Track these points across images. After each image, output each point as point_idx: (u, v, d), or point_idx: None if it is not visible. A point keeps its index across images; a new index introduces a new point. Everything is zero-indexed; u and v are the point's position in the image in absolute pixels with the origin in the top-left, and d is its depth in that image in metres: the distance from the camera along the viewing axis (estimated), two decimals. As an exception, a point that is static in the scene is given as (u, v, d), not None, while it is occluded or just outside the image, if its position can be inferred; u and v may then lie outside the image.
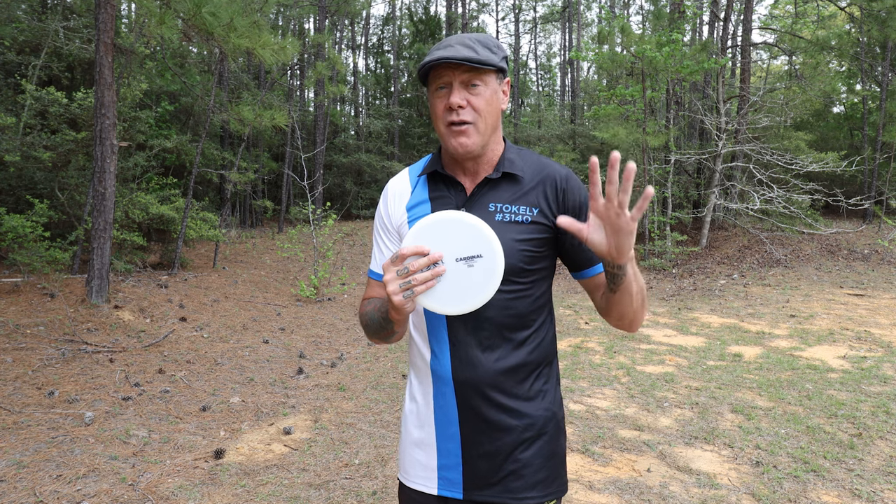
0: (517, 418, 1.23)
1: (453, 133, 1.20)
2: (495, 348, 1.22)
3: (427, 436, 1.29)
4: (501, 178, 1.26)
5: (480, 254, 1.11)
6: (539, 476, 1.24)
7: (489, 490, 1.23)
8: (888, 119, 15.26)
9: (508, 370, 1.23)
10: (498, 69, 1.21)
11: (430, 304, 1.12)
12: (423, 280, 1.06)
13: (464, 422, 1.24)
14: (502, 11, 44.80)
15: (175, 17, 6.41)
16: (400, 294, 1.06)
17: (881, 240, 12.09)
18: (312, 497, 2.97)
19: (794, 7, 20.19)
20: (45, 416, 3.78)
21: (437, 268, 1.08)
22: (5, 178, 8.00)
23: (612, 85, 18.62)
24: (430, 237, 1.11)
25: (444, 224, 1.11)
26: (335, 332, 6.83)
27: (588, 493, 3.02)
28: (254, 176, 12.25)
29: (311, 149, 18.66)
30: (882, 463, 3.31)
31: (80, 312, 5.94)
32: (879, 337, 6.23)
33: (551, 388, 1.29)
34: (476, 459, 1.24)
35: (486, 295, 1.12)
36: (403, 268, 1.06)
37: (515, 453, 1.23)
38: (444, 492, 1.27)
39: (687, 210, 13.88)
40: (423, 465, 1.29)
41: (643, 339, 6.49)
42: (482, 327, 1.22)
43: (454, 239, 1.11)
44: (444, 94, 1.20)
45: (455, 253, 1.11)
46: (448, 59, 1.14)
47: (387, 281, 1.07)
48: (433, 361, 1.27)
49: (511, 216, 1.22)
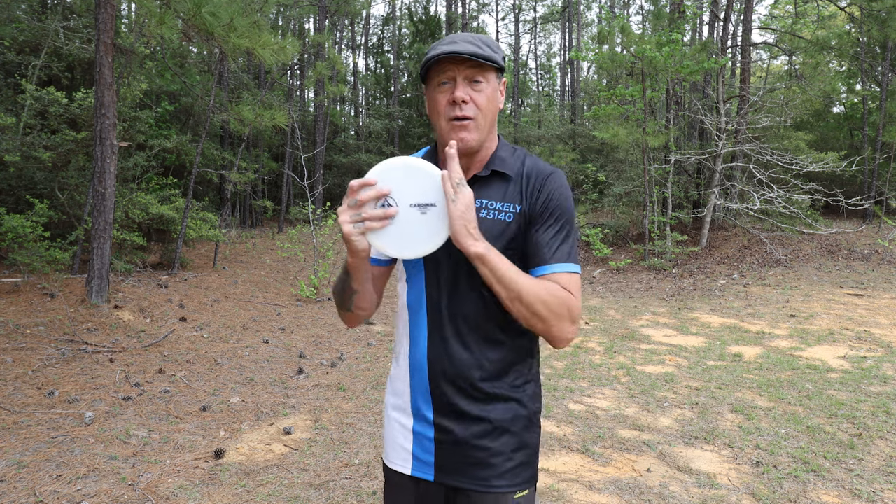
0: (488, 411, 1.26)
1: (455, 128, 1.21)
2: (472, 344, 1.26)
3: (405, 420, 1.34)
4: (490, 176, 1.28)
5: (434, 202, 1.15)
6: (508, 465, 1.27)
7: (459, 476, 1.27)
8: (888, 119, 15.26)
9: (484, 365, 1.26)
10: (498, 68, 1.24)
11: (379, 245, 1.16)
12: (374, 216, 1.13)
13: (437, 410, 1.29)
14: (502, 11, 44.79)
15: (175, 17, 6.41)
16: (350, 224, 1.12)
17: (881, 240, 12.09)
18: (312, 497, 2.97)
19: (794, 7, 20.19)
20: (45, 416, 3.78)
21: (389, 209, 1.14)
22: (5, 178, 8.00)
23: (612, 85, 18.62)
24: (389, 178, 1.16)
25: (404, 169, 1.16)
26: (335, 332, 6.83)
27: (588, 493, 3.02)
28: (254, 176, 12.25)
29: (311, 149, 18.66)
30: (882, 463, 3.31)
31: (80, 312, 5.94)
32: (879, 337, 6.23)
33: (528, 384, 1.31)
34: (448, 446, 1.28)
35: (434, 243, 1.17)
36: (354, 199, 1.13)
37: (485, 442, 1.26)
38: (417, 473, 1.32)
39: (687, 210, 13.87)
40: (401, 446, 1.34)
41: (643, 339, 6.49)
42: (461, 323, 1.26)
43: (412, 185, 1.16)
44: (447, 90, 1.21)
45: (411, 198, 1.16)
46: (456, 53, 1.16)
47: (340, 212, 1.13)
48: (411, 351, 1.31)
49: (495, 213, 1.25)
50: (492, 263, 1.14)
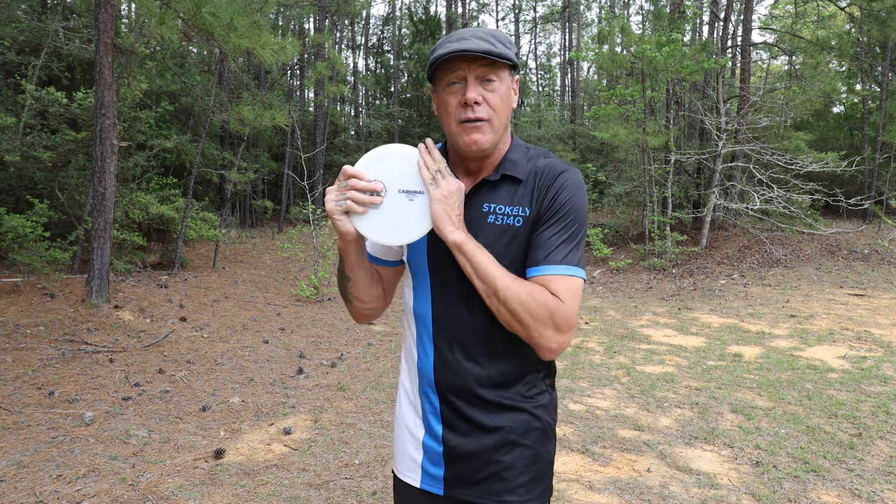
0: (501, 422, 1.21)
1: (467, 130, 1.14)
2: (480, 357, 1.21)
3: (415, 430, 1.30)
4: (500, 180, 1.21)
5: (422, 190, 1.16)
6: (521, 479, 1.22)
7: (470, 490, 1.23)
8: (888, 119, 15.26)
9: (493, 378, 1.21)
10: (512, 65, 1.16)
11: (363, 228, 1.17)
12: (359, 199, 1.13)
13: (447, 422, 1.24)
14: (502, 11, 44.78)
15: (175, 17, 6.41)
16: (333, 202, 1.14)
17: (881, 240, 12.09)
18: (312, 497, 2.97)
19: (794, 7, 20.19)
20: (45, 416, 3.78)
21: (374, 197, 1.15)
22: (5, 178, 8.00)
23: (612, 85, 18.62)
24: (381, 164, 1.17)
25: (397, 156, 1.17)
26: (335, 332, 6.83)
27: (588, 493, 3.02)
28: (254, 176, 12.25)
29: (311, 149, 18.66)
30: (882, 463, 3.31)
31: (80, 312, 5.94)
32: (879, 337, 6.23)
33: (541, 394, 1.26)
34: (458, 459, 1.23)
35: (419, 231, 1.16)
36: (344, 182, 1.14)
37: (497, 455, 1.21)
38: (426, 486, 1.27)
39: (687, 210, 13.87)
40: (411, 457, 1.30)
41: (643, 339, 6.49)
42: (468, 335, 1.21)
43: (402, 172, 1.17)
44: (457, 90, 1.14)
45: (399, 184, 1.17)
46: (467, 52, 1.08)
47: (328, 191, 1.14)
48: (419, 361, 1.27)
49: (503, 218, 1.18)
50: (469, 253, 1.11)
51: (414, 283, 1.28)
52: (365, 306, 1.31)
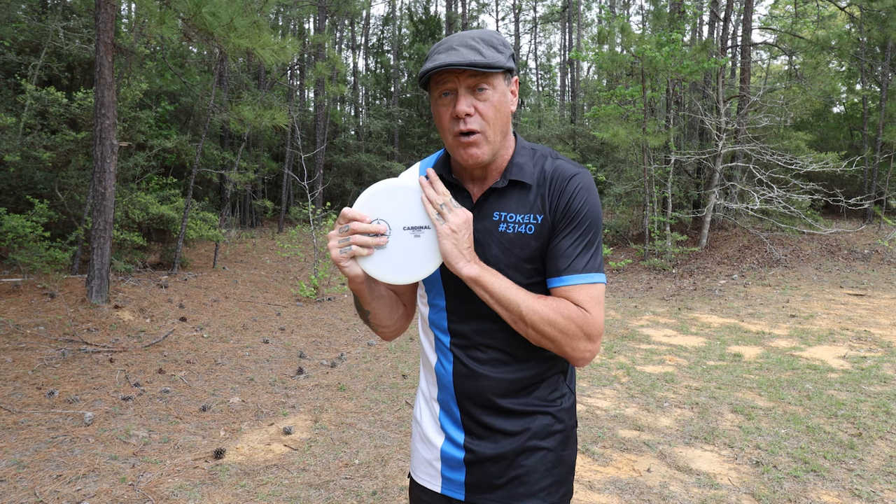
0: (522, 427, 1.21)
1: (462, 144, 1.12)
2: (498, 364, 1.20)
3: (433, 435, 1.28)
4: (508, 187, 1.19)
5: (428, 225, 1.11)
6: (543, 483, 1.21)
7: (491, 494, 1.22)
8: (888, 119, 15.27)
9: (512, 383, 1.20)
10: (506, 70, 1.12)
11: (372, 270, 1.12)
12: (363, 243, 1.09)
13: (467, 427, 1.23)
14: (502, 11, 44.80)
15: (175, 17, 6.41)
16: (337, 249, 1.10)
17: (881, 240, 12.09)
18: (312, 497, 2.97)
19: (794, 7, 20.19)
20: (45, 416, 3.78)
21: (379, 238, 1.11)
22: (5, 178, 8.00)
23: (612, 85, 18.61)
24: (381, 202, 1.12)
25: (397, 191, 1.12)
26: (335, 332, 6.83)
27: (588, 493, 3.02)
28: (254, 176, 12.25)
29: (311, 149, 18.67)
30: (882, 463, 3.31)
31: (80, 312, 5.94)
32: (879, 337, 6.23)
33: (563, 398, 1.25)
34: (479, 463, 1.22)
35: (428, 268, 1.12)
36: (346, 226, 1.10)
37: (519, 459, 1.20)
38: (447, 492, 1.26)
39: (687, 210, 13.88)
40: (430, 462, 1.29)
41: (643, 339, 6.49)
42: (487, 346, 1.20)
43: (405, 207, 1.12)
44: (448, 102, 1.12)
45: (404, 221, 1.11)
46: (452, 66, 1.06)
47: (329, 237, 1.11)
48: (437, 366, 1.26)
49: (515, 226, 1.16)
50: (487, 285, 1.09)
51: (429, 294, 1.26)
52: (391, 329, 1.30)
